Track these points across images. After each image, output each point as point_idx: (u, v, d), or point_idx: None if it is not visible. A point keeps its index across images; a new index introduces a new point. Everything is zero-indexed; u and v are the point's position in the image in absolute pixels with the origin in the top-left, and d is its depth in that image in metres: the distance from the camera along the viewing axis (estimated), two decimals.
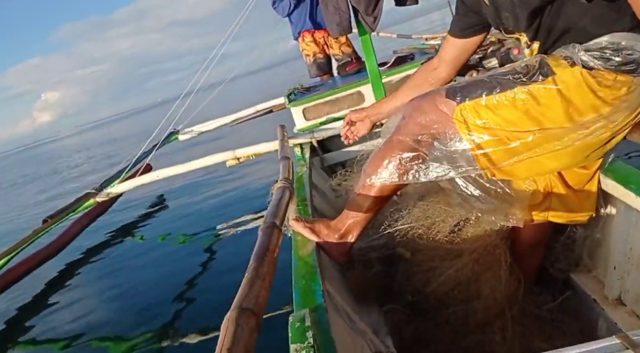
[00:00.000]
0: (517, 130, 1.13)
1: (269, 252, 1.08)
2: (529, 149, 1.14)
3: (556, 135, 1.11)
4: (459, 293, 1.42)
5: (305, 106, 3.14)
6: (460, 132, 1.17)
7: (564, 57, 1.12)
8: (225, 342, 0.72)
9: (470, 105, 1.17)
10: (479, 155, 1.17)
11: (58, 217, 2.99)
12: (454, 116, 1.18)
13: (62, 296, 3.51)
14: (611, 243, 1.27)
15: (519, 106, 1.13)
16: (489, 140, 1.16)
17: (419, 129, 1.22)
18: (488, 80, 1.17)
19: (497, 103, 1.15)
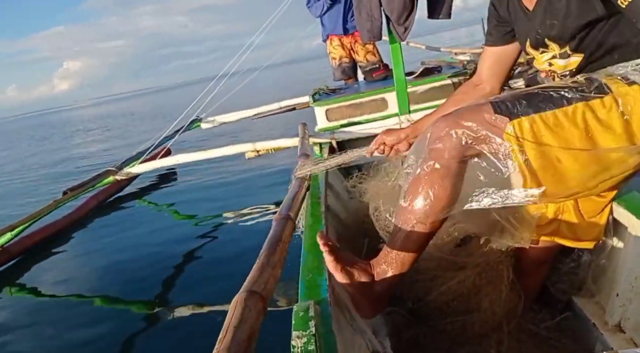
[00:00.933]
0: (571, 152, 1.03)
1: (281, 242, 1.13)
2: (584, 172, 1.05)
3: (611, 158, 1.04)
4: (459, 304, 1.45)
5: (329, 107, 3.19)
6: (512, 152, 1.03)
7: (617, 75, 1.07)
8: (233, 320, 0.77)
9: (526, 121, 1.04)
10: (528, 177, 1.05)
11: (78, 190, 3.08)
12: (506, 133, 1.04)
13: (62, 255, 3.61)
14: (616, 271, 1.29)
15: (579, 123, 1.03)
16: (542, 162, 1.04)
17: (460, 150, 1.06)
18: (542, 92, 1.07)
19: (555, 120, 1.03)
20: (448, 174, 1.06)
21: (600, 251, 1.36)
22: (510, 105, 1.05)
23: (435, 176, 1.07)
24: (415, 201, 1.09)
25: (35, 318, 2.73)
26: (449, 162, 1.06)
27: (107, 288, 2.93)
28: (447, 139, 1.06)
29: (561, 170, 1.05)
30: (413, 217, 1.10)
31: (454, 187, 1.07)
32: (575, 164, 1.04)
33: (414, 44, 5.47)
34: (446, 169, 1.06)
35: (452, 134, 1.05)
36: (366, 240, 1.88)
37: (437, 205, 1.08)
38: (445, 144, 1.06)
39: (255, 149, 3.15)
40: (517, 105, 1.05)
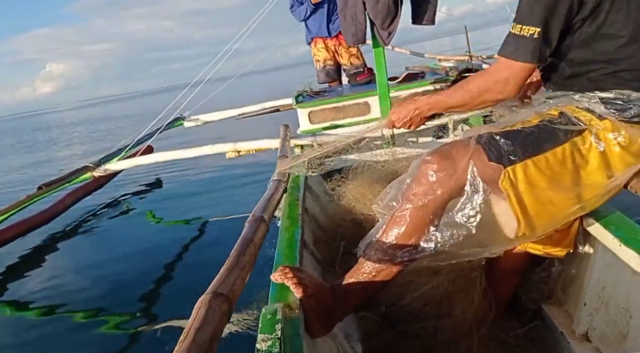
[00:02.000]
0: (561, 190, 1.07)
1: (252, 243, 1.12)
2: (568, 210, 1.10)
3: (595, 194, 1.10)
4: (431, 310, 1.45)
5: (312, 109, 3.18)
6: (508, 199, 1.06)
7: (583, 108, 1.11)
8: (195, 322, 0.76)
9: (519, 168, 1.06)
10: (522, 221, 1.08)
11: (53, 186, 3.02)
12: (500, 181, 1.05)
13: (43, 264, 3.53)
14: (585, 281, 1.30)
15: (568, 164, 1.07)
16: (537, 206, 1.07)
17: (444, 195, 1.07)
18: (531, 131, 1.09)
19: (546, 163, 1.06)
20: (427, 218, 1.08)
21: (570, 261, 1.38)
22: (503, 148, 1.07)
23: (413, 219, 1.08)
24: (388, 240, 1.11)
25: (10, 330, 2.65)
26: (430, 206, 1.07)
27: (86, 296, 2.85)
28: (431, 184, 1.07)
29: (552, 211, 1.09)
30: (383, 254, 1.11)
31: (430, 232, 1.09)
32: (564, 201, 1.09)
33: (398, 49, 5.50)
34: (426, 213, 1.08)
35: (438, 180, 1.06)
36: (342, 244, 1.88)
37: (411, 248, 1.10)
38: (430, 189, 1.07)
39: (236, 149, 3.13)
40: (510, 149, 1.07)
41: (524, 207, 1.07)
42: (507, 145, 1.07)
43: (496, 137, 1.09)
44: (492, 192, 1.09)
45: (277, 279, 1.09)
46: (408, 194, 1.11)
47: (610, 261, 1.19)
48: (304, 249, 1.58)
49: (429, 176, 1.08)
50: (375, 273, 1.13)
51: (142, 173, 5.85)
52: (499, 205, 1.14)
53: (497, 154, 1.07)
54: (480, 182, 1.06)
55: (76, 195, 4.00)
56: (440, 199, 1.08)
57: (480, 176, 1.06)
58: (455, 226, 1.10)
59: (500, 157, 1.06)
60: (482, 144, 1.08)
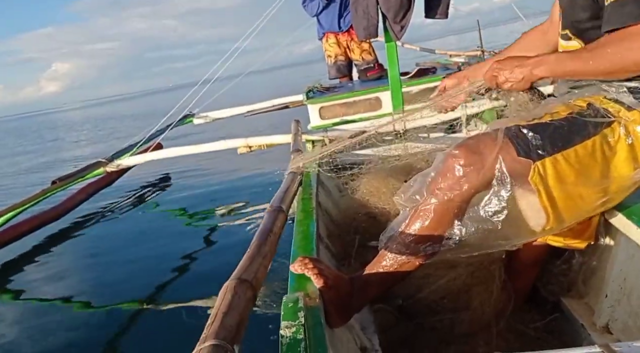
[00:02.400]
0: (590, 183, 1.06)
1: (272, 233, 1.12)
2: (595, 203, 1.09)
3: (622, 186, 1.09)
4: (449, 303, 1.44)
5: (323, 105, 3.18)
6: (537, 194, 1.04)
7: (611, 99, 1.10)
8: (222, 306, 0.75)
9: (549, 163, 1.04)
10: (551, 215, 1.06)
11: (67, 181, 3.04)
12: (530, 176, 1.03)
13: (55, 256, 3.57)
14: (606, 272, 1.29)
15: (598, 157, 1.05)
16: (567, 200, 1.06)
17: (469, 190, 1.04)
18: (560, 124, 1.07)
19: (576, 156, 1.04)
20: (452, 213, 1.06)
21: (591, 252, 1.36)
22: (532, 143, 1.04)
23: (438, 213, 1.06)
24: (411, 233, 1.09)
25: (21, 318, 2.67)
26: (455, 201, 1.05)
27: (98, 285, 2.90)
28: (458, 179, 1.04)
29: (580, 204, 1.08)
30: (405, 247, 1.10)
31: (454, 226, 1.07)
32: (594, 195, 1.07)
33: (408, 46, 5.49)
34: (451, 207, 1.06)
35: (465, 174, 1.03)
36: (357, 237, 1.87)
37: (434, 242, 1.08)
38: (456, 183, 1.04)
39: (248, 145, 3.13)
40: (539, 143, 1.04)
41: (554, 201, 1.05)
42: (536, 139, 1.04)
43: (524, 131, 1.06)
44: (519, 186, 1.07)
45: (297, 270, 1.08)
46: (433, 188, 1.08)
47: (633, 252, 1.18)
48: (320, 242, 1.58)
49: (455, 170, 1.05)
50: (397, 266, 1.12)
51: (152, 170, 5.89)
52: (525, 200, 1.12)
53: (526, 149, 1.04)
54: (508, 177, 1.03)
55: (88, 191, 4.03)
56: (466, 194, 1.05)
57: (509, 171, 1.03)
58: (481, 221, 1.08)
59: (529, 152, 1.04)
60: (510, 138, 1.05)
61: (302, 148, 2.41)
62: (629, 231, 1.17)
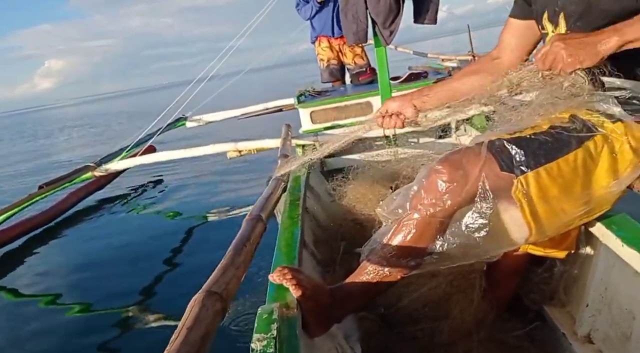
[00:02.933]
0: (572, 196, 1.06)
1: (248, 242, 1.11)
2: (577, 214, 1.09)
3: (603, 197, 1.09)
4: (429, 311, 1.44)
5: (314, 109, 3.17)
6: (520, 208, 1.03)
7: (597, 110, 1.09)
8: (187, 321, 0.74)
9: (531, 177, 1.03)
10: (534, 229, 1.06)
11: (54, 185, 3.02)
12: (512, 191, 1.03)
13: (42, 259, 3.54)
14: (587, 281, 1.28)
15: (579, 170, 1.05)
16: (549, 214, 1.05)
17: (452, 206, 1.04)
18: (544, 139, 1.06)
19: (558, 170, 1.04)
20: (434, 228, 1.06)
21: (572, 261, 1.36)
22: (515, 158, 1.03)
23: (420, 228, 1.06)
24: (393, 247, 1.09)
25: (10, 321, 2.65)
26: (437, 217, 1.05)
27: (81, 291, 2.88)
28: (441, 194, 1.03)
29: (563, 217, 1.08)
30: (386, 261, 1.09)
31: (435, 240, 1.07)
32: (576, 208, 1.07)
33: (401, 49, 5.49)
34: (433, 223, 1.05)
35: (448, 191, 1.03)
36: (342, 244, 1.86)
37: (415, 256, 1.08)
38: (439, 199, 1.04)
39: (237, 149, 3.12)
40: (522, 159, 1.03)
41: (536, 215, 1.05)
42: (520, 155, 1.03)
43: (508, 146, 1.05)
44: (502, 200, 1.06)
45: (276, 280, 1.07)
46: (416, 203, 1.08)
47: (613, 262, 1.17)
48: (304, 249, 1.57)
49: (438, 186, 1.04)
50: (378, 279, 1.12)
51: (143, 173, 5.87)
52: (507, 213, 1.11)
53: (509, 164, 1.03)
54: (491, 194, 1.03)
55: (77, 195, 4.00)
56: (449, 210, 1.05)
57: (491, 187, 1.02)
58: (463, 236, 1.08)
59: (512, 167, 1.03)
60: (494, 153, 1.04)
61: (290, 153, 2.41)
62: (609, 240, 1.16)
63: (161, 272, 2.93)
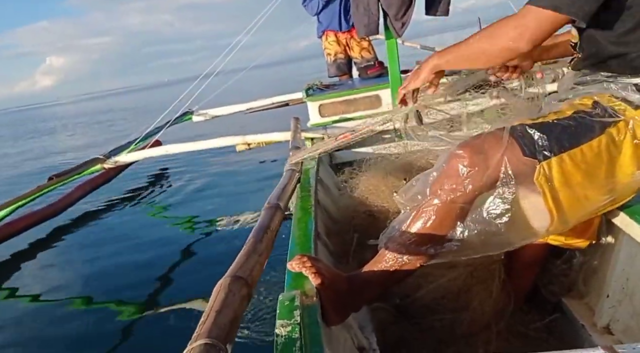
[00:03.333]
0: (595, 183, 1.04)
1: (269, 230, 1.10)
2: (600, 203, 1.07)
3: (626, 185, 1.07)
4: (448, 302, 1.42)
5: (322, 102, 3.16)
6: (542, 195, 1.02)
7: (618, 97, 1.08)
8: (215, 304, 0.73)
9: (555, 163, 1.01)
10: (555, 217, 1.04)
11: (64, 177, 3.02)
12: (535, 177, 1.01)
13: (52, 254, 3.54)
14: (608, 272, 1.27)
15: (603, 156, 1.04)
16: (572, 201, 1.04)
17: (473, 193, 1.02)
18: (567, 124, 1.04)
19: (582, 156, 1.02)
20: (454, 214, 1.04)
21: (592, 252, 1.35)
22: (538, 143, 1.02)
23: (440, 214, 1.04)
24: (412, 234, 1.07)
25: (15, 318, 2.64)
26: (458, 202, 1.03)
27: (94, 286, 2.87)
28: (462, 179, 1.02)
29: (585, 204, 1.06)
30: (405, 248, 1.08)
31: (456, 227, 1.06)
32: (599, 195, 1.05)
33: (409, 44, 5.46)
34: (453, 209, 1.04)
35: (469, 175, 1.01)
36: (356, 236, 1.85)
37: (435, 243, 1.06)
38: (460, 184, 1.02)
39: (246, 142, 3.11)
40: (545, 144, 1.02)
41: (559, 202, 1.03)
42: (542, 140, 1.01)
43: (530, 131, 1.03)
44: (523, 187, 1.05)
45: (295, 268, 1.06)
46: (436, 189, 1.06)
47: (636, 251, 1.16)
48: (318, 240, 1.56)
49: (459, 171, 1.02)
50: (396, 267, 1.10)
51: (150, 167, 5.86)
52: (528, 200, 1.09)
53: (532, 149, 1.02)
54: (513, 179, 1.01)
55: (86, 188, 4.00)
56: (470, 195, 1.03)
57: (513, 172, 1.01)
58: (484, 223, 1.06)
59: (535, 152, 1.01)
60: (516, 138, 1.02)
61: (301, 145, 2.39)
62: (632, 230, 1.15)
63: (170, 267, 2.92)
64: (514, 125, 1.06)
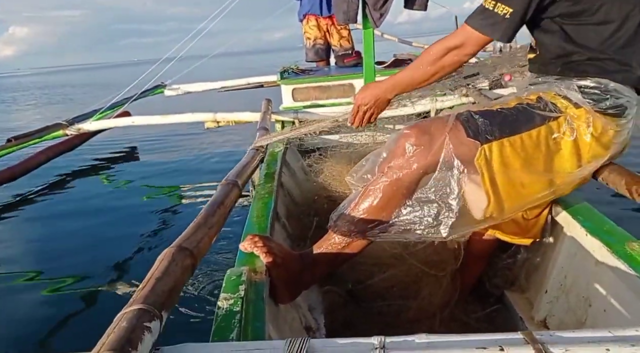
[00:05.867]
0: (533, 173, 1.09)
1: (222, 205, 1.10)
2: (538, 195, 1.12)
3: (564, 182, 1.12)
4: (399, 291, 1.46)
5: (296, 86, 3.16)
6: (481, 176, 1.07)
7: (562, 95, 1.12)
8: (157, 272, 0.73)
9: (495, 146, 1.07)
10: (492, 199, 1.09)
11: (23, 140, 2.92)
12: (476, 158, 1.06)
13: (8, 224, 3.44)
14: (548, 269, 1.33)
15: (542, 147, 1.09)
16: (508, 186, 1.08)
17: (419, 170, 1.07)
18: (510, 113, 1.10)
19: (522, 143, 1.08)
20: (400, 193, 1.09)
21: (535, 249, 1.40)
22: (481, 127, 1.07)
23: (387, 193, 1.09)
24: (360, 212, 1.11)
25: None
26: (404, 181, 1.08)
27: (46, 257, 2.78)
28: (408, 158, 1.07)
29: (522, 193, 1.11)
30: (353, 226, 1.11)
31: (401, 207, 1.10)
32: (535, 185, 1.10)
33: (388, 36, 5.49)
34: (400, 187, 1.08)
35: (415, 154, 1.06)
36: (315, 219, 1.87)
37: (382, 221, 1.10)
38: (406, 163, 1.07)
39: (216, 120, 3.08)
40: (487, 127, 1.07)
41: (496, 186, 1.08)
42: (485, 125, 1.08)
43: (475, 116, 1.10)
44: (465, 171, 1.09)
45: (247, 248, 1.08)
46: (383, 167, 1.11)
47: (576, 251, 1.21)
48: (276, 221, 1.57)
49: (406, 149, 1.08)
50: (344, 245, 1.14)
51: (117, 140, 5.73)
52: (469, 185, 1.14)
53: (475, 131, 1.08)
54: (455, 159, 1.06)
55: (47, 154, 3.87)
56: (415, 174, 1.08)
57: (456, 153, 1.06)
58: (427, 202, 1.10)
59: (477, 135, 1.07)
60: (461, 121, 1.09)
61: (269, 127, 2.38)
62: (574, 230, 1.20)
63: (129, 239, 2.87)
64: (461, 112, 1.12)
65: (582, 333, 0.60)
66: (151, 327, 0.60)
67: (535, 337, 0.58)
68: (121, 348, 0.52)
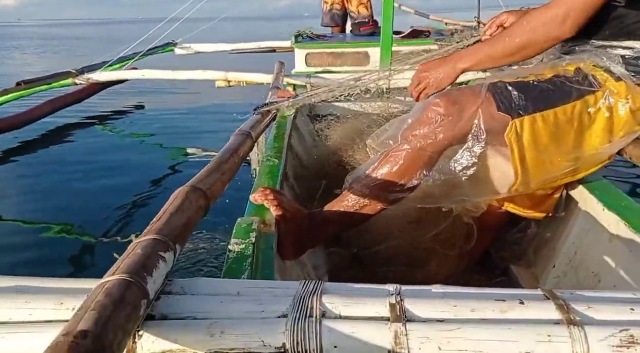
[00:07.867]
0: (562, 148, 1.06)
1: (235, 154, 1.08)
2: (562, 171, 1.09)
3: (592, 157, 1.09)
4: (405, 259, 1.45)
5: (310, 51, 3.11)
6: (511, 153, 1.04)
7: (602, 67, 1.07)
8: (171, 207, 0.72)
9: (527, 121, 1.03)
10: (520, 174, 1.06)
11: (32, 85, 2.89)
12: (506, 132, 1.03)
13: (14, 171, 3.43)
14: (558, 244, 1.31)
15: (575, 122, 1.05)
16: (537, 162, 1.06)
17: (444, 141, 1.03)
18: (546, 87, 1.06)
19: (555, 118, 1.04)
20: (421, 162, 1.05)
21: (547, 224, 1.38)
22: (515, 101, 1.03)
23: (408, 160, 1.05)
24: (377, 177, 1.08)
25: None
26: (427, 150, 1.05)
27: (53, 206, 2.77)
28: (434, 128, 1.03)
29: (549, 168, 1.08)
30: (368, 190, 1.09)
31: (421, 175, 1.07)
32: (564, 162, 1.07)
33: (405, 8, 5.36)
34: (421, 156, 1.05)
35: (442, 124, 1.02)
36: (323, 182, 1.86)
37: (398, 188, 1.07)
38: (432, 132, 1.03)
39: (227, 79, 3.03)
40: (520, 101, 1.03)
41: (525, 162, 1.05)
42: (520, 99, 1.03)
43: (509, 88, 1.04)
44: (493, 144, 1.06)
45: (257, 200, 1.06)
46: (408, 134, 1.07)
47: (590, 226, 1.19)
48: (285, 181, 1.56)
49: (433, 119, 1.04)
50: (357, 207, 1.12)
51: (126, 95, 5.68)
52: (495, 159, 1.12)
53: (507, 105, 1.03)
54: (484, 133, 1.02)
55: (55, 104, 3.84)
56: (440, 145, 1.04)
57: (485, 127, 1.02)
58: (449, 173, 1.08)
59: (509, 109, 1.03)
60: (494, 93, 1.04)
61: (281, 87, 2.35)
62: (590, 205, 1.18)
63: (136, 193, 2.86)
64: (494, 82, 1.07)
65: (604, 293, 0.58)
66: (165, 257, 0.58)
67: (556, 293, 0.57)
68: (136, 272, 0.51)
